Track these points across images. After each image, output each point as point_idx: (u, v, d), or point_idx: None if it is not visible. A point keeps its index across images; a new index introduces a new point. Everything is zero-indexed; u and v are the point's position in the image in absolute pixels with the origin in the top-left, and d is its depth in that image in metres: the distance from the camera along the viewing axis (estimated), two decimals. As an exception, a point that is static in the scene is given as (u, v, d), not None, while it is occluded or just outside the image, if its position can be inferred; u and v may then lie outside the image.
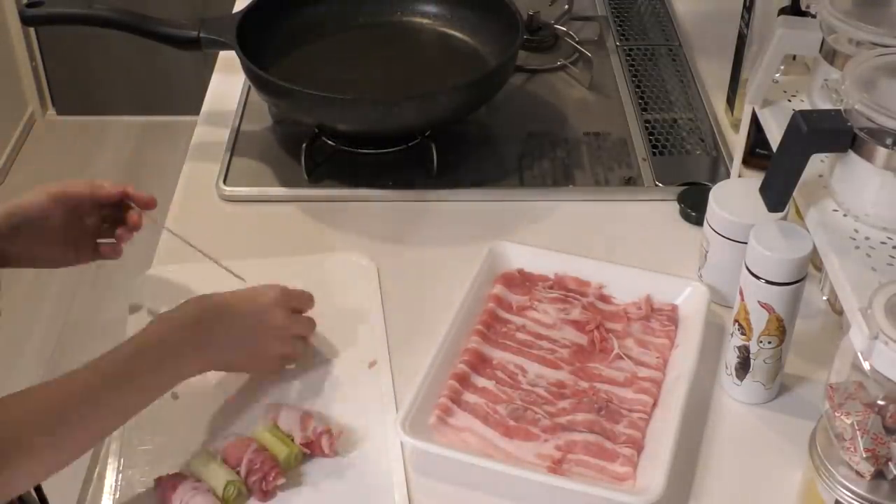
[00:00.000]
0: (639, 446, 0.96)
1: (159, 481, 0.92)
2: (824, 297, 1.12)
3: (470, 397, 1.00)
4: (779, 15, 1.13)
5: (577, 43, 1.56)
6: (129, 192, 1.08)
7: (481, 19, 1.45)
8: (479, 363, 1.04)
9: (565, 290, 1.13)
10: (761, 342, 0.98)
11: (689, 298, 1.10)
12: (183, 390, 1.01)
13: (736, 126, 1.34)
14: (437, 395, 0.99)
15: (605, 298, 1.12)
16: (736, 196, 1.08)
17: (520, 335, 1.08)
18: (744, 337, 0.99)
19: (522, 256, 1.15)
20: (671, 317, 1.09)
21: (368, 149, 1.35)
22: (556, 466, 0.94)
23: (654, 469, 0.92)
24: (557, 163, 1.35)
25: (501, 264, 1.14)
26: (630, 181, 1.31)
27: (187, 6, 2.71)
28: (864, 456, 0.80)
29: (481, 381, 1.02)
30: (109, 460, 0.96)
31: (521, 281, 1.13)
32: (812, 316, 1.10)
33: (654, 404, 1.00)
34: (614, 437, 0.96)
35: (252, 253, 1.16)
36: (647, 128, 1.40)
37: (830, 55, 1.00)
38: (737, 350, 1.00)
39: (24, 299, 2.55)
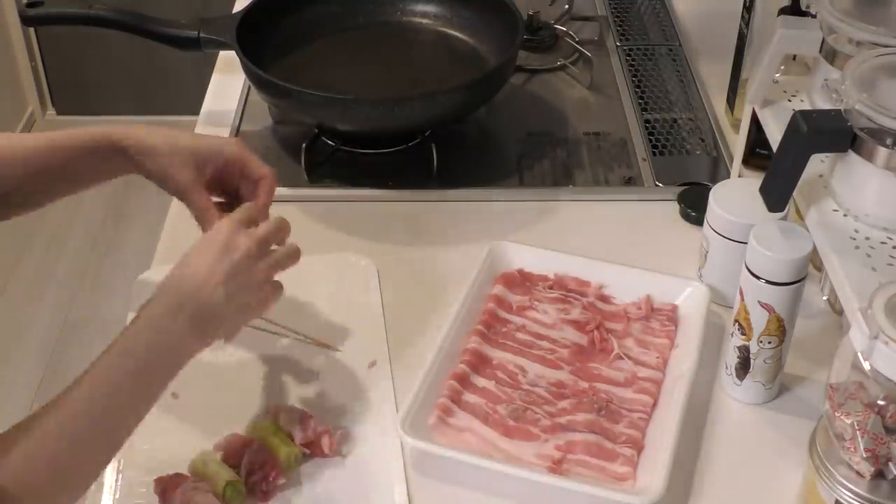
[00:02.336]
0: (639, 446, 0.96)
1: (159, 481, 0.92)
2: (824, 297, 1.12)
3: (470, 397, 1.00)
4: (779, 15, 1.13)
5: (577, 43, 1.56)
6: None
7: (481, 19, 1.45)
8: (480, 363, 1.04)
9: (565, 290, 1.12)
10: (761, 342, 0.98)
11: (689, 298, 1.10)
12: (183, 390, 1.01)
13: (736, 126, 1.34)
14: (437, 395, 0.99)
15: (604, 298, 1.12)
16: (736, 196, 1.08)
17: (520, 335, 1.08)
18: (744, 337, 0.99)
19: (522, 256, 1.15)
20: (671, 317, 1.09)
21: (368, 149, 1.35)
22: (557, 466, 0.94)
23: (655, 469, 0.92)
24: (557, 163, 1.35)
25: (501, 264, 1.14)
26: (630, 181, 1.31)
27: (187, 6, 2.71)
28: (864, 456, 0.80)
29: (481, 382, 1.02)
30: (109, 460, 0.96)
31: (521, 281, 1.13)
32: (812, 316, 1.10)
33: (655, 404, 1.00)
34: (614, 437, 0.96)
35: (252, 253, 1.16)
36: (647, 128, 1.40)
37: (830, 55, 1.00)
38: (737, 350, 1.00)
39: (25, 299, 2.55)
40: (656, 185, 1.30)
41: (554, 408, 1.00)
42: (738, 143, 1.22)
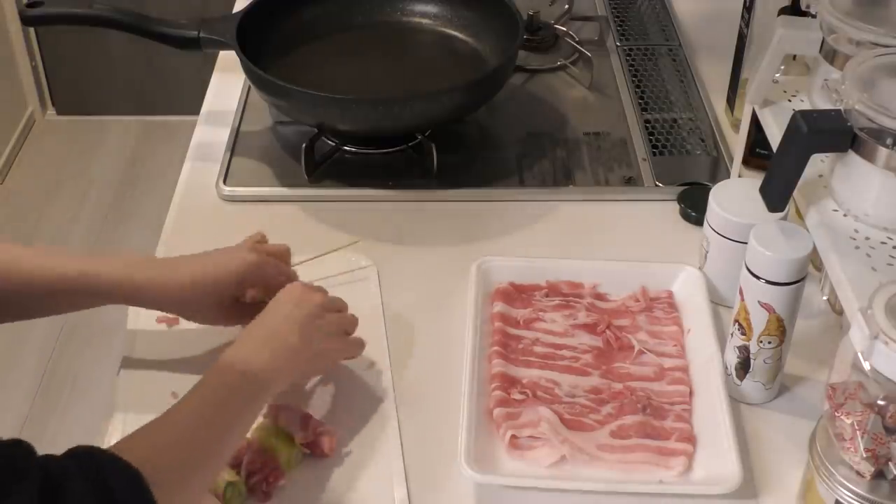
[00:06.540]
0: (692, 439, 0.96)
1: (159, 481, 0.92)
2: (824, 297, 1.12)
3: (527, 416, 0.98)
4: (779, 15, 1.13)
5: (577, 43, 1.56)
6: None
7: (481, 19, 1.45)
8: (511, 385, 1.01)
9: (561, 295, 1.12)
10: (761, 342, 0.98)
11: (684, 283, 1.11)
12: (183, 390, 1.01)
13: (736, 126, 1.34)
14: (487, 428, 0.97)
15: (601, 297, 1.12)
16: (736, 196, 1.08)
17: (538, 349, 1.05)
18: (744, 337, 0.99)
19: (509, 269, 1.13)
20: (671, 303, 1.10)
21: (368, 149, 1.35)
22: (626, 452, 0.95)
23: (719, 458, 0.93)
24: (557, 163, 1.35)
25: (492, 280, 1.12)
26: (630, 181, 1.31)
27: (187, 6, 2.71)
28: (864, 456, 0.80)
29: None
30: (109, 460, 0.96)
31: (517, 294, 1.11)
32: (812, 316, 1.10)
33: (691, 392, 1.01)
34: (666, 435, 0.96)
35: (252, 253, 1.16)
36: (647, 128, 1.40)
37: (830, 55, 1.00)
38: (737, 350, 1.00)
39: (24, 299, 2.54)
40: (656, 185, 1.30)
41: (599, 415, 0.99)
42: (738, 143, 1.22)
